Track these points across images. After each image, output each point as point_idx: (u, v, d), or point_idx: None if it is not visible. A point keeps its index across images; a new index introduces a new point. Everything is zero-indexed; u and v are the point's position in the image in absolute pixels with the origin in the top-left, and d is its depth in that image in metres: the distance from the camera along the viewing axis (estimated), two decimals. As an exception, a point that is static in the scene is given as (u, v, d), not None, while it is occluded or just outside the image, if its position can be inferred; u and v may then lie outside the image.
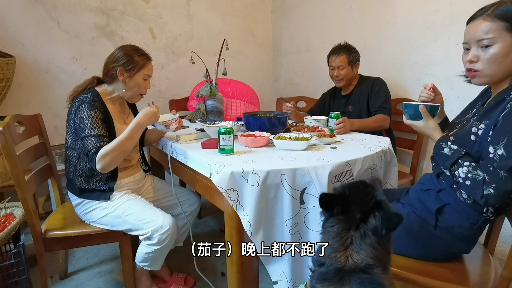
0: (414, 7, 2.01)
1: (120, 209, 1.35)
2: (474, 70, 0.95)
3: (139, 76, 1.41)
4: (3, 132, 1.20)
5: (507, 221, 1.04)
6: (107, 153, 1.26)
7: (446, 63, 1.87)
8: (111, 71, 1.40)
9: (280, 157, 1.20)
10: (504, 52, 0.88)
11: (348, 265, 0.73)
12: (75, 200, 1.42)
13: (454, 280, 0.98)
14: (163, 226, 1.31)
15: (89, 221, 1.40)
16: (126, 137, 1.30)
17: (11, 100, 2.18)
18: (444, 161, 0.97)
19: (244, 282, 1.14)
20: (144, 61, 1.41)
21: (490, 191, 0.85)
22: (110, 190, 1.39)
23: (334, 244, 0.76)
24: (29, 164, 1.45)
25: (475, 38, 0.92)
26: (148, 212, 1.35)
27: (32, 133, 1.53)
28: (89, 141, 1.29)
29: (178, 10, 2.79)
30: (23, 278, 1.41)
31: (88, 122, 1.29)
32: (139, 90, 1.44)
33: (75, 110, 1.32)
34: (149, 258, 1.38)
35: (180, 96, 2.80)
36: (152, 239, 1.32)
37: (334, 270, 0.74)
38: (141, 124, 1.33)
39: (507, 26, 0.86)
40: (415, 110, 1.07)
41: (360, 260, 0.73)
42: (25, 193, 1.26)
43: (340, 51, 1.93)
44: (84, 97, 1.33)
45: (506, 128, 0.86)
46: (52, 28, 2.29)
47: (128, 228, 1.35)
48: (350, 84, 2.00)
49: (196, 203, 1.68)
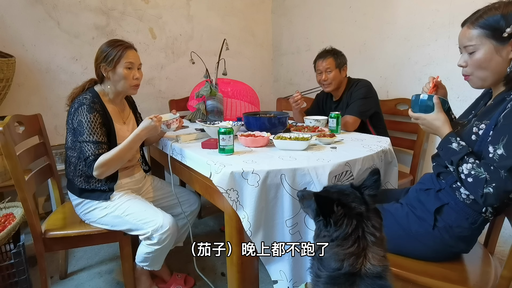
0: (414, 7, 2.01)
1: (120, 209, 1.35)
2: (466, 74, 1.00)
3: (120, 67, 1.38)
4: (3, 132, 1.20)
5: (507, 221, 1.04)
6: (105, 163, 1.28)
7: (446, 63, 1.87)
8: (97, 70, 1.41)
9: (280, 157, 1.20)
10: (486, 58, 0.92)
11: (363, 270, 0.71)
12: (75, 200, 1.42)
13: (454, 280, 0.98)
14: (163, 226, 1.31)
15: (89, 221, 1.40)
16: (125, 148, 1.31)
17: (11, 100, 2.18)
18: (450, 156, 0.96)
19: (244, 282, 1.14)
20: (122, 50, 1.38)
21: (490, 190, 0.86)
22: (110, 190, 1.39)
23: (346, 248, 0.73)
24: (29, 164, 1.45)
25: (462, 44, 0.97)
26: (148, 212, 1.35)
27: (32, 133, 1.53)
28: (87, 147, 1.29)
29: (178, 10, 2.79)
30: (23, 278, 1.41)
31: (87, 126, 1.29)
32: (126, 81, 1.40)
33: (74, 110, 1.32)
34: (149, 258, 1.38)
35: (180, 96, 2.80)
36: (152, 239, 1.32)
37: (347, 275, 0.72)
38: (141, 137, 1.34)
39: (488, 33, 0.90)
40: (427, 101, 1.03)
41: (374, 265, 0.71)
42: (25, 193, 1.26)
43: (326, 55, 1.89)
44: (83, 98, 1.33)
45: (506, 127, 0.86)
46: (52, 28, 2.29)
47: (128, 228, 1.35)
48: (339, 88, 1.95)
49: (196, 203, 1.68)
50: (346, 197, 0.79)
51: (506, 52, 0.90)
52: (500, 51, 0.90)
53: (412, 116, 1.08)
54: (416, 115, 1.06)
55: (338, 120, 1.66)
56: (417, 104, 1.06)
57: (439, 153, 1.05)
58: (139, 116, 1.67)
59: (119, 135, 1.41)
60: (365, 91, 1.85)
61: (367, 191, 0.81)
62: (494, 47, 0.91)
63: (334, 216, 0.75)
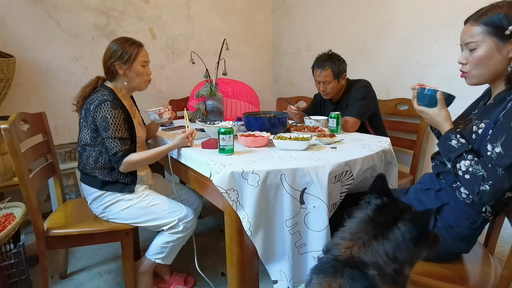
0: (414, 7, 2.01)
1: (145, 200, 1.42)
2: (463, 71, 1.00)
3: (137, 64, 1.44)
4: (9, 129, 1.21)
5: (507, 221, 1.04)
6: (135, 162, 1.36)
7: (446, 63, 1.87)
8: (110, 68, 1.43)
9: (280, 157, 1.20)
10: (487, 55, 0.93)
11: (345, 257, 0.69)
12: (94, 194, 1.41)
13: (454, 280, 0.98)
14: (188, 215, 1.42)
15: (108, 215, 1.41)
16: (156, 154, 1.38)
17: (11, 100, 2.18)
18: (449, 153, 0.97)
19: (244, 282, 1.14)
20: (137, 48, 1.44)
21: (486, 187, 0.86)
22: (133, 183, 1.42)
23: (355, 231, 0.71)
24: (33, 163, 1.45)
25: (463, 41, 0.98)
26: (173, 202, 1.45)
27: (36, 131, 1.53)
28: (114, 143, 1.33)
29: (178, 10, 2.79)
30: (23, 278, 1.41)
31: (113, 122, 1.33)
32: (142, 77, 1.47)
33: (96, 107, 1.33)
34: (168, 248, 1.43)
35: (180, 96, 2.80)
36: (178, 227, 1.39)
37: (332, 260, 0.71)
38: (174, 148, 1.40)
39: (490, 31, 0.91)
40: (430, 96, 1.02)
41: (360, 256, 0.68)
42: (29, 191, 1.27)
43: (324, 65, 1.82)
44: (103, 95, 1.36)
45: (505, 126, 0.87)
46: (52, 28, 2.29)
47: (152, 218, 1.39)
48: (338, 93, 1.95)
49: (198, 202, 1.69)
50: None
51: (506, 50, 0.91)
52: (501, 50, 0.91)
53: (417, 109, 1.08)
54: (420, 108, 1.06)
55: (338, 120, 1.66)
56: (422, 97, 1.05)
57: (439, 150, 1.06)
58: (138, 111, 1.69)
59: (136, 129, 1.46)
60: (365, 92, 1.84)
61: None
62: (496, 44, 0.91)
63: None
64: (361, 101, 1.81)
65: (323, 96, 1.96)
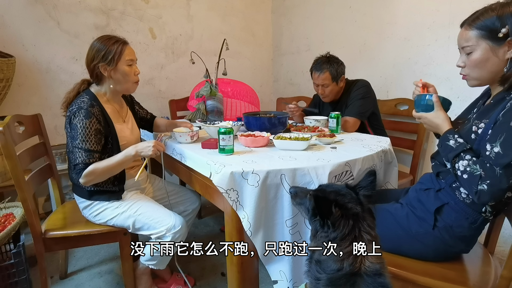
0: (414, 7, 2.01)
1: (132, 209, 1.36)
2: (463, 74, 1.02)
3: (122, 64, 1.33)
4: (3, 132, 1.20)
5: (507, 221, 1.04)
6: (94, 173, 1.25)
7: (446, 63, 1.87)
8: (94, 70, 1.34)
9: (280, 157, 1.20)
10: (483, 58, 0.95)
11: (363, 269, 0.71)
12: (83, 203, 1.40)
13: (454, 280, 0.98)
14: (176, 225, 1.32)
15: (99, 222, 1.39)
16: (116, 163, 1.28)
17: (11, 100, 2.18)
18: (447, 153, 0.98)
19: (244, 282, 1.14)
20: (120, 46, 1.33)
21: (484, 187, 0.87)
22: (120, 191, 1.39)
23: (345, 248, 0.74)
24: (29, 164, 1.45)
25: (460, 45, 1.00)
26: (161, 212, 1.37)
27: (32, 133, 1.52)
28: (78, 153, 1.25)
29: (178, 10, 2.79)
30: (23, 278, 1.41)
31: (81, 132, 1.24)
32: (128, 78, 1.37)
33: (72, 114, 1.27)
34: (158, 256, 1.38)
35: (180, 96, 2.80)
36: (165, 238, 1.32)
37: (347, 275, 0.72)
38: (134, 156, 1.29)
39: (484, 34, 0.92)
40: (427, 101, 1.05)
41: (373, 262, 0.71)
42: (25, 193, 1.26)
43: (322, 68, 1.83)
44: (81, 102, 1.28)
45: (504, 126, 0.87)
46: (52, 28, 2.28)
47: (140, 227, 1.35)
48: (337, 95, 1.95)
49: (197, 202, 1.69)
50: (343, 198, 0.80)
51: (502, 52, 0.92)
52: (496, 51, 0.92)
53: (415, 116, 1.10)
54: (418, 114, 1.09)
55: (338, 120, 1.66)
56: (419, 104, 1.08)
57: (438, 151, 1.06)
58: (138, 108, 1.65)
59: (121, 135, 1.40)
60: (364, 91, 1.84)
61: (362, 191, 0.82)
62: (490, 47, 0.92)
63: (332, 218, 0.75)
64: (361, 101, 1.81)
65: (322, 99, 1.98)
